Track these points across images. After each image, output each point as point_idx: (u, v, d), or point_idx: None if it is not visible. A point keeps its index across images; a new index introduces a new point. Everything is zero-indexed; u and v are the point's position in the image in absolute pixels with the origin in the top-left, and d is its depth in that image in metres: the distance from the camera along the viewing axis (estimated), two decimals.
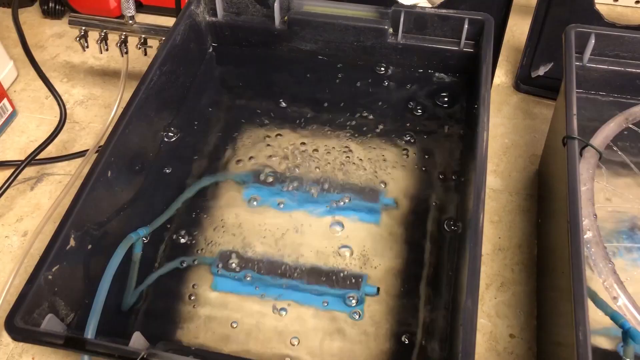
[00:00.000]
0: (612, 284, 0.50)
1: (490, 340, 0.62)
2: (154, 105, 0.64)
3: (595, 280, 0.53)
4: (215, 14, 0.72)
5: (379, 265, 0.62)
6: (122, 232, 0.58)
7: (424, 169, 0.68)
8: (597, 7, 0.76)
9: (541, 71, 0.83)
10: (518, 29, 0.97)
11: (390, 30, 0.69)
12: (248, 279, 0.61)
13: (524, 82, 0.86)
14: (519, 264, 0.68)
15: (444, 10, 0.67)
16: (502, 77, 0.89)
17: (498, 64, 0.88)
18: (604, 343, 0.54)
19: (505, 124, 0.82)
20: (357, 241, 0.64)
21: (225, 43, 0.74)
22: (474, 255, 0.49)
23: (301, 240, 0.64)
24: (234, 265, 0.62)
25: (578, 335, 0.43)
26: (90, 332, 0.47)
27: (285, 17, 0.70)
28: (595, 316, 0.53)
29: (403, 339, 0.57)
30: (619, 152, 0.60)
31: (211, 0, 0.71)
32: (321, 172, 0.69)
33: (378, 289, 0.61)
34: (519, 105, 0.85)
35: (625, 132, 0.61)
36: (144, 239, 0.60)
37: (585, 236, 0.52)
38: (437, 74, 0.71)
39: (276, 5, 0.69)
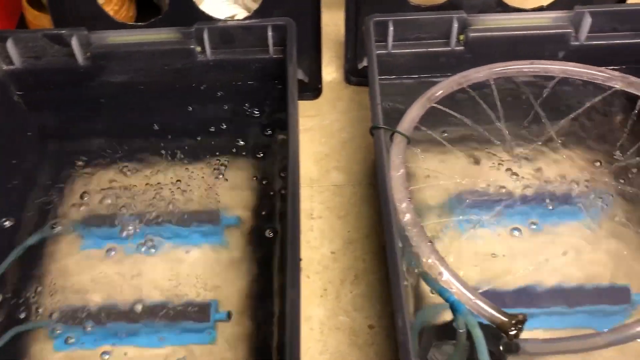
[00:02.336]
0: (434, 261, 0.51)
1: (351, 336, 0.63)
2: None
3: None
4: (11, 62, 0.67)
5: (228, 287, 0.61)
6: None
7: (263, 181, 0.68)
8: None
9: (366, 61, 0.85)
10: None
11: (198, 48, 0.68)
12: (90, 331, 0.58)
13: (353, 75, 0.87)
14: (369, 254, 0.69)
15: (246, 21, 0.67)
16: (333, 73, 0.90)
17: (329, 61, 0.89)
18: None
19: (341, 119, 0.83)
20: (204, 268, 0.63)
21: (31, 90, 0.70)
22: (292, 234, 0.48)
23: (143, 280, 0.62)
24: (74, 321, 0.59)
25: (397, 322, 0.43)
26: None
27: (88, 53, 0.67)
28: None
29: (260, 357, 0.56)
30: (428, 132, 0.62)
31: (3, 48, 0.66)
32: (156, 205, 0.67)
33: (229, 313, 0.59)
34: (353, 98, 0.86)
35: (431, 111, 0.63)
36: None
37: (404, 219, 0.53)
38: (255, 84, 0.71)
39: (74, 43, 0.66)
